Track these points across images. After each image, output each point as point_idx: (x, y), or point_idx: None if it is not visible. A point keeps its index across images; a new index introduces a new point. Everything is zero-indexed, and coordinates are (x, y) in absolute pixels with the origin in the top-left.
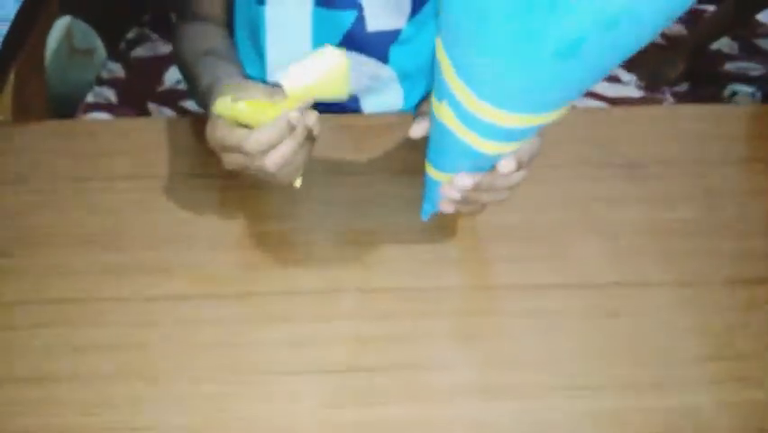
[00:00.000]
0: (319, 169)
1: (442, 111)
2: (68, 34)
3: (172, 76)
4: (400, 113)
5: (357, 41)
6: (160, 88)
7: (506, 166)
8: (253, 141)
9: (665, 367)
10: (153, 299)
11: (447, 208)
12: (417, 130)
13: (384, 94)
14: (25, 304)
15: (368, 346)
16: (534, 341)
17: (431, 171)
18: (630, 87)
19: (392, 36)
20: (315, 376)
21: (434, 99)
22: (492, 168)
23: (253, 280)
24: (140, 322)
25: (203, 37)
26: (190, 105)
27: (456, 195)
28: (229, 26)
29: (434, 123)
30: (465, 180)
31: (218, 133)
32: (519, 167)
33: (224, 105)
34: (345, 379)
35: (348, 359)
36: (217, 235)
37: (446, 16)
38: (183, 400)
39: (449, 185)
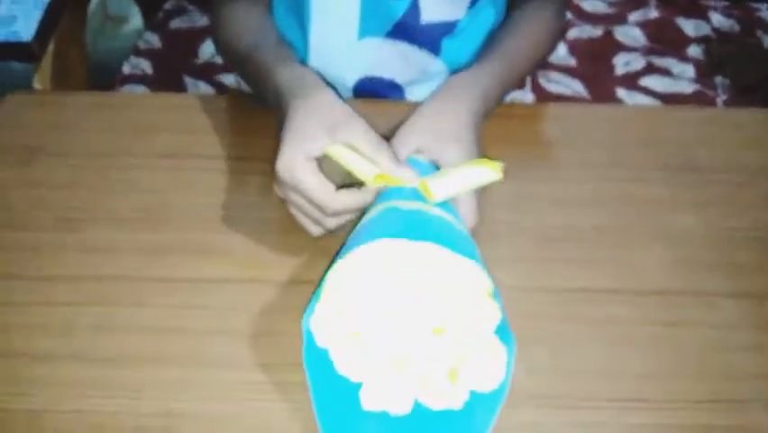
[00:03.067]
0: None
1: None
2: (103, 1)
3: (208, 49)
4: None
5: (408, 31)
6: (197, 61)
7: None
8: (341, 204)
9: (725, 383)
10: (195, 281)
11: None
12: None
13: (429, 85)
14: (67, 281)
15: None
16: (591, 349)
17: None
18: (682, 82)
19: (447, 28)
20: None
21: None
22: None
23: (297, 266)
24: (181, 304)
25: (252, 24)
26: (226, 79)
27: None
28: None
29: None
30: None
31: (304, 176)
32: None
33: (335, 153)
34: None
35: None
36: (260, 219)
37: None
38: (223, 387)
39: None
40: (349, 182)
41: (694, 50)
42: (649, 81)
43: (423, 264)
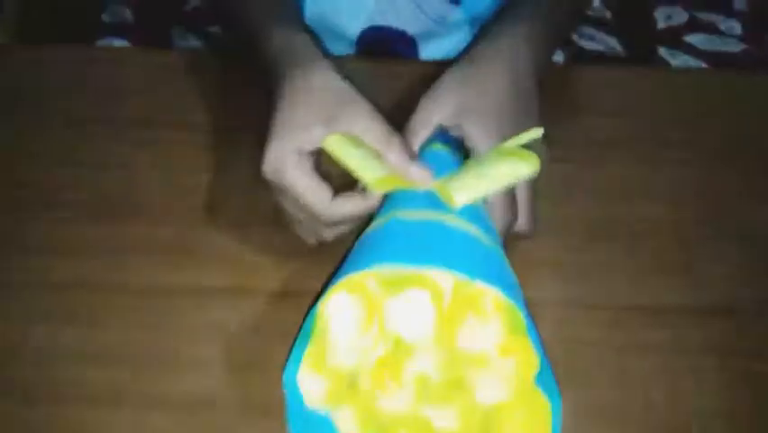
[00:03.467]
0: None
1: None
2: None
3: None
4: None
5: None
6: (185, 8)
7: None
8: (338, 214)
9: None
10: (167, 293)
11: None
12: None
13: (446, 40)
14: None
15: None
16: (645, 383)
17: None
18: (729, 40)
19: None
20: None
21: None
22: None
23: (292, 272)
24: (148, 323)
25: None
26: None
27: None
28: None
29: None
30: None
31: (294, 178)
32: None
33: (333, 147)
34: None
35: None
36: (251, 209)
37: None
38: None
39: None
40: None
41: (740, 3)
42: (693, 39)
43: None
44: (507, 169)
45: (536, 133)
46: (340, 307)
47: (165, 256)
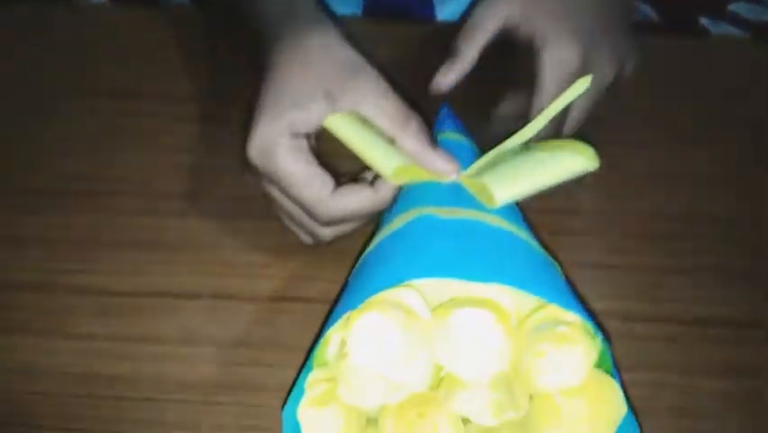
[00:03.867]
0: None
1: None
2: None
3: None
4: None
5: None
6: None
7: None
8: (339, 210)
9: None
10: (136, 295)
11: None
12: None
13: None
14: None
15: None
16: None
17: None
18: None
19: None
20: None
21: None
22: None
23: (289, 276)
24: (115, 334)
25: None
26: None
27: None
28: None
29: None
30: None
31: (286, 164)
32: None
33: (336, 127)
34: None
35: None
36: (241, 196)
37: None
38: None
39: None
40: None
41: None
42: (737, 7)
43: (480, 324)
44: (561, 162)
45: (584, 83)
46: (369, 331)
47: (135, 252)
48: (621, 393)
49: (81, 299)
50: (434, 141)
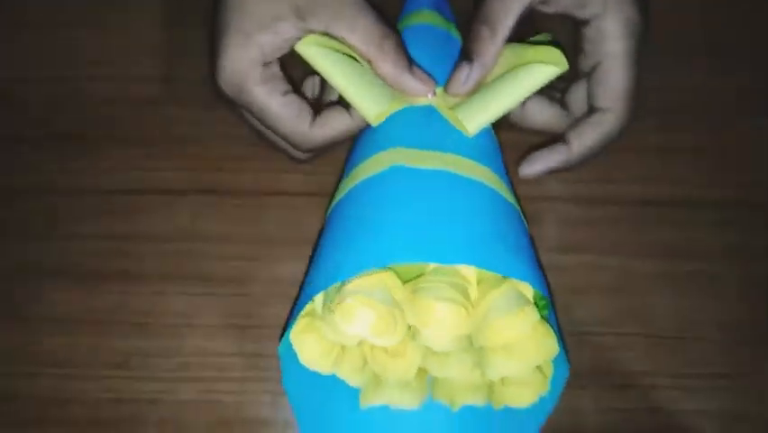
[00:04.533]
0: None
1: None
2: None
3: None
4: None
5: None
6: None
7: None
8: (319, 140)
9: None
10: (138, 193)
11: None
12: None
13: None
14: None
15: None
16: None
17: None
18: None
19: None
20: None
21: None
22: None
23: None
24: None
25: None
26: None
27: None
28: None
29: None
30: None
31: (259, 97)
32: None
33: (307, 53)
34: None
35: None
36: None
37: None
38: None
39: None
40: None
41: None
42: None
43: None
44: (530, 73)
45: (558, 70)
46: (350, 316)
47: (119, 148)
48: (558, 345)
49: (76, 199)
50: (409, 61)
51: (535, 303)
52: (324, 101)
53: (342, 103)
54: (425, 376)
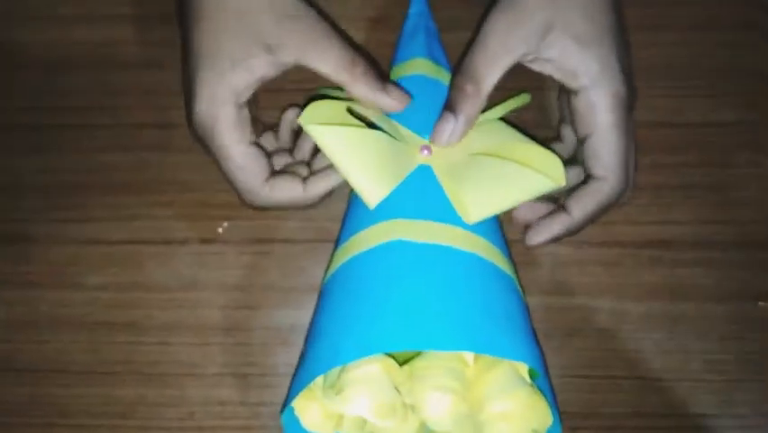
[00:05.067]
0: None
1: None
2: None
3: None
4: None
5: None
6: None
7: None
8: (266, 202)
9: None
10: (140, 243)
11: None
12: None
13: None
14: None
15: None
16: None
17: None
18: None
19: None
20: None
21: None
22: None
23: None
24: None
25: None
26: None
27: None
28: None
29: None
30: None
31: (227, 147)
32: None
33: (316, 114)
34: None
35: None
36: None
37: None
38: None
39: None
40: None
41: None
42: None
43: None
44: (532, 180)
45: (525, 99)
46: (350, 403)
47: (119, 196)
48: (551, 413)
49: (82, 249)
50: (381, 81)
51: (531, 371)
52: (313, 167)
53: (298, 173)
54: (425, 430)
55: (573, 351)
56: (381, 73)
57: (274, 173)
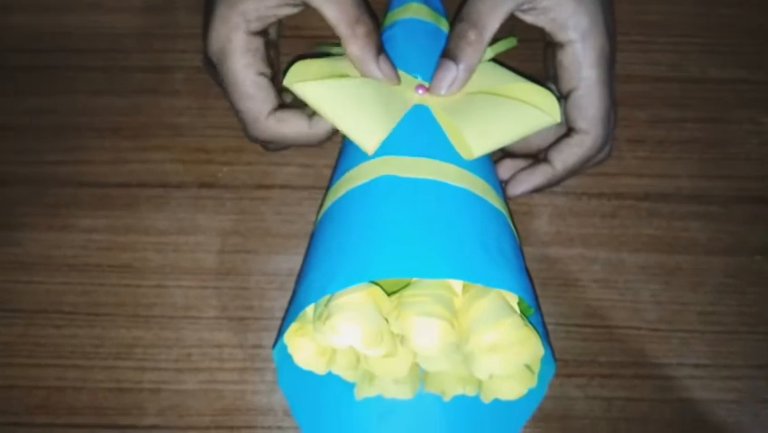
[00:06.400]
0: None
1: None
2: None
3: None
4: None
5: None
6: None
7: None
8: (268, 135)
9: None
10: (137, 186)
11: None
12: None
13: None
14: None
15: None
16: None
17: None
18: None
19: None
20: None
21: None
22: None
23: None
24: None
25: None
26: None
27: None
28: None
29: None
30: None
31: (237, 70)
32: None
33: (301, 73)
34: None
35: None
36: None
37: None
38: None
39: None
40: None
41: None
42: None
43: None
44: (529, 115)
45: (512, 42)
46: (337, 332)
47: (115, 139)
48: (543, 346)
49: (75, 191)
50: (378, 49)
51: (521, 305)
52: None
53: (308, 111)
54: (418, 369)
55: (569, 300)
56: (382, 46)
57: (281, 107)
